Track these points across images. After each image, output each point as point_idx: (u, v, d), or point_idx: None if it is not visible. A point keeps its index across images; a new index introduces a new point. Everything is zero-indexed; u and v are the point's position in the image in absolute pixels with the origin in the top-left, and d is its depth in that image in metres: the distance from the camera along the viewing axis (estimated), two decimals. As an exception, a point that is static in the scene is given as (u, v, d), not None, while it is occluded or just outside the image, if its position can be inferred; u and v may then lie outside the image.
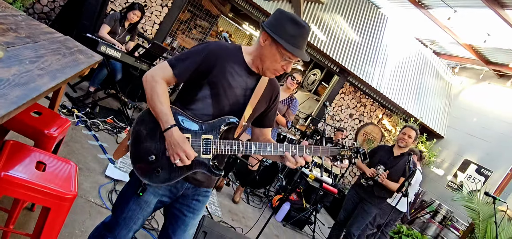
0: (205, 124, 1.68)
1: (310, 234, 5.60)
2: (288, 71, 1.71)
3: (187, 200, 1.83)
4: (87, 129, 4.41)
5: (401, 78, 8.54)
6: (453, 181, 7.83)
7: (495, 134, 7.54)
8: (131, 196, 1.75)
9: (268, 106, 1.87)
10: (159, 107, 1.60)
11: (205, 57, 1.65)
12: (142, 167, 1.67)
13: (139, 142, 1.67)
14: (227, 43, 1.75)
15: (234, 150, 1.68)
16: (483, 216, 5.88)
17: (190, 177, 1.74)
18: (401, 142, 4.39)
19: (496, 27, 6.33)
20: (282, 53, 1.62)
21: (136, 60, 4.78)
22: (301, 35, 1.62)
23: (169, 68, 1.66)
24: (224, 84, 1.66)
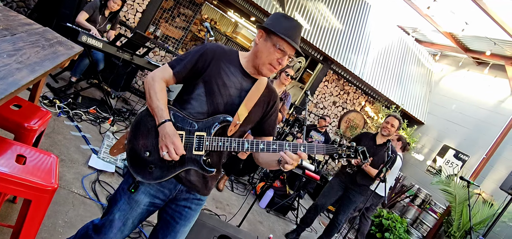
0: (199, 122, 1.70)
1: (293, 219, 5.73)
2: (283, 65, 1.72)
3: (179, 206, 1.82)
4: (69, 120, 4.39)
5: (383, 66, 8.69)
6: (432, 165, 8.07)
7: (472, 120, 7.78)
8: (123, 195, 1.76)
9: (266, 112, 1.88)
10: (156, 103, 1.66)
11: (201, 55, 1.71)
12: (137, 163, 1.70)
13: (136, 139, 1.72)
14: (224, 46, 1.80)
15: (226, 146, 1.68)
16: (459, 199, 6.12)
17: (183, 178, 1.75)
18: (384, 131, 4.50)
19: (474, 16, 6.49)
20: (277, 43, 1.66)
21: (118, 50, 4.75)
22: (294, 27, 1.68)
23: (168, 68, 1.73)
24: (218, 82, 1.70)
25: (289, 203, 5.74)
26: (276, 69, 1.73)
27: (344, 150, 1.66)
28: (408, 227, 6.81)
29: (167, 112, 1.66)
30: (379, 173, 4.24)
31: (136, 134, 1.73)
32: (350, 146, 1.67)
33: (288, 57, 1.71)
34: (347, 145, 1.68)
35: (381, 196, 5.46)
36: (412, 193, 7.36)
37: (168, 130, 1.62)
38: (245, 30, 14.56)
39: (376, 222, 6.39)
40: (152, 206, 1.79)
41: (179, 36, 7.62)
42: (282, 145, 1.65)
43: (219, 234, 3.08)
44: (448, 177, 6.98)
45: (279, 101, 4.61)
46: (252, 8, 7.38)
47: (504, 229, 5.98)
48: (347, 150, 1.66)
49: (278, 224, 5.35)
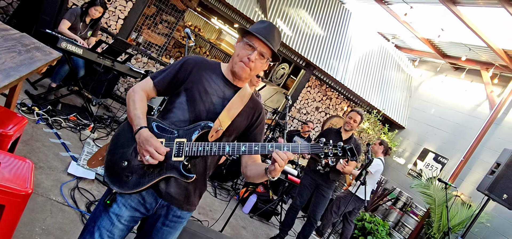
0: (180, 129, 1.67)
1: (277, 224, 5.75)
2: (252, 60, 1.66)
3: (157, 221, 1.75)
4: (48, 127, 4.33)
5: (365, 71, 8.85)
6: (413, 169, 8.24)
7: (451, 124, 7.99)
8: (101, 210, 1.68)
9: (251, 124, 1.84)
10: (133, 112, 1.66)
11: (182, 65, 1.73)
12: (113, 173, 1.65)
13: (116, 150, 1.69)
14: (207, 59, 1.81)
15: (206, 150, 1.62)
16: (439, 201, 6.26)
17: (163, 191, 1.68)
18: (347, 126, 4.62)
19: (450, 22, 6.69)
20: (247, 39, 1.68)
21: (99, 56, 4.72)
22: (266, 27, 1.70)
23: (150, 80, 1.76)
24: (199, 89, 1.70)
25: (272, 208, 5.77)
26: (247, 66, 1.68)
27: (330, 148, 1.58)
28: (390, 230, 6.91)
29: (145, 120, 1.66)
30: (360, 176, 4.32)
31: (116, 145, 1.70)
32: (337, 144, 1.59)
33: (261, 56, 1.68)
34: (333, 144, 1.59)
35: (363, 200, 5.55)
36: (393, 196, 7.49)
37: (144, 135, 1.59)
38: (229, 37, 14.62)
39: (359, 225, 6.47)
40: (133, 221, 1.72)
41: (161, 43, 7.61)
42: (265, 147, 1.60)
43: (200, 239, 3.08)
44: (427, 180, 7.14)
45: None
46: (235, 15, 7.44)
47: (482, 229, 6.13)
48: (334, 149, 1.58)
49: (262, 229, 5.37)
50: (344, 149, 1.58)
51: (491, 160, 6.06)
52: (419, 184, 6.83)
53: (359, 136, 8.95)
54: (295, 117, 8.88)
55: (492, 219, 6.04)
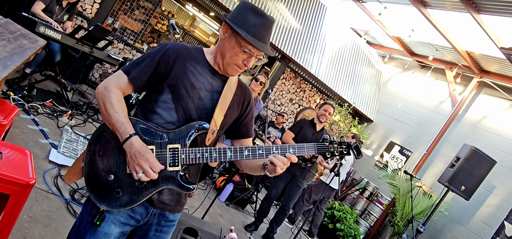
0: (170, 133, 1.50)
1: (252, 212, 5.94)
2: (249, 66, 1.55)
3: (149, 230, 1.62)
4: (25, 113, 4.25)
5: (337, 65, 9.14)
6: (380, 160, 8.67)
7: (416, 119, 8.46)
8: (87, 229, 1.50)
9: (242, 113, 1.72)
10: (115, 117, 1.42)
11: (162, 57, 1.50)
12: (99, 189, 1.46)
13: (95, 160, 1.47)
14: (186, 44, 1.59)
15: (206, 157, 1.49)
16: (403, 191, 6.67)
17: (155, 199, 1.53)
18: (322, 118, 4.85)
19: (420, 23, 7.06)
20: (242, 44, 1.48)
21: (77, 42, 4.65)
22: (263, 25, 1.49)
23: (123, 75, 1.49)
24: (186, 85, 1.50)
25: (247, 197, 5.94)
26: (241, 69, 1.56)
27: (335, 147, 1.55)
28: (357, 218, 7.29)
29: (130, 125, 1.43)
30: (334, 167, 4.57)
31: (95, 155, 1.48)
32: (342, 142, 1.56)
33: (256, 57, 1.54)
34: (338, 142, 1.56)
35: (334, 189, 5.83)
36: (361, 186, 7.88)
37: (137, 147, 1.40)
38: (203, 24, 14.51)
39: (329, 213, 6.79)
40: (122, 236, 1.57)
41: (138, 29, 7.51)
42: (269, 149, 1.50)
43: (185, 227, 3.19)
44: (393, 171, 7.57)
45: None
46: (212, 3, 7.45)
47: (441, 218, 6.62)
48: (339, 147, 1.55)
49: (238, 216, 5.54)
50: (349, 146, 1.55)
51: (451, 154, 6.52)
52: (386, 175, 7.24)
53: (330, 128, 9.28)
54: (270, 108, 9.07)
55: (450, 208, 6.53)
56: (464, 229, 6.31)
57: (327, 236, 6.68)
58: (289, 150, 1.51)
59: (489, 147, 6.34)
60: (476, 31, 6.11)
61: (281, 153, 1.50)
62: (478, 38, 6.35)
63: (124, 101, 1.48)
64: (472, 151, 5.27)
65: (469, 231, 6.22)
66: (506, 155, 6.28)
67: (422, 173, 7.48)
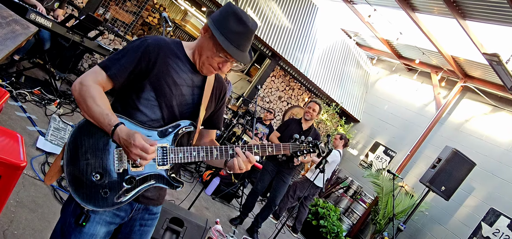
0: (157, 130, 1.49)
1: (237, 206, 6.01)
2: (224, 72, 1.57)
3: (135, 226, 1.63)
4: (13, 100, 4.23)
5: (326, 65, 9.26)
6: (365, 160, 8.84)
7: (401, 120, 8.64)
8: (71, 231, 1.45)
9: (217, 105, 1.75)
10: (98, 110, 1.36)
11: (143, 53, 1.46)
12: (83, 189, 1.39)
13: (77, 159, 1.39)
14: (166, 38, 1.57)
15: (194, 156, 1.50)
16: (386, 190, 6.83)
17: (139, 195, 1.50)
18: (307, 115, 4.93)
19: (408, 27, 7.21)
20: (218, 49, 1.47)
21: (68, 31, 4.64)
22: (243, 34, 1.47)
23: (101, 71, 1.43)
24: (168, 82, 1.49)
25: (233, 191, 6.01)
26: (216, 72, 1.58)
27: (305, 146, 1.66)
28: (341, 215, 7.43)
29: (115, 115, 1.38)
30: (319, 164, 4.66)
31: (77, 153, 1.40)
32: (310, 141, 1.68)
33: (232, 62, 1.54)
34: (307, 141, 1.68)
35: (319, 187, 5.94)
36: (345, 185, 8.02)
37: (123, 135, 1.34)
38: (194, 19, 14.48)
39: (313, 210, 6.90)
40: (108, 235, 1.55)
41: (129, 21, 7.49)
42: (251, 148, 1.56)
43: (171, 217, 3.25)
44: (377, 171, 7.74)
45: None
46: (205, -2, 7.49)
47: (421, 217, 6.80)
48: (307, 146, 1.67)
49: (223, 210, 5.60)
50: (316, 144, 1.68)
51: (433, 155, 6.70)
52: (370, 174, 7.40)
53: (317, 127, 9.40)
54: (259, 105, 9.14)
55: (430, 208, 6.72)
56: (443, 228, 6.50)
57: (310, 232, 6.80)
58: (268, 149, 1.58)
59: (470, 149, 6.54)
60: (462, 37, 6.29)
61: (261, 152, 1.56)
62: (463, 43, 6.53)
63: (105, 96, 1.42)
64: (453, 152, 5.43)
65: (448, 230, 6.41)
66: (485, 158, 6.48)
67: (405, 173, 7.66)
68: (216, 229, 4.32)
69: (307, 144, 1.67)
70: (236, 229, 5.10)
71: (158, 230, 3.13)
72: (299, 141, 1.67)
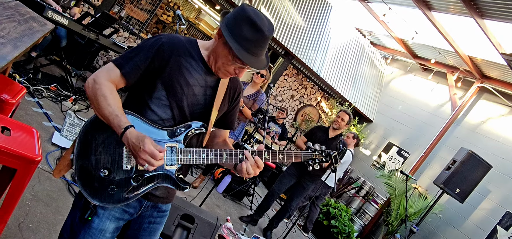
0: (167, 130, 1.49)
1: (248, 205, 6.03)
2: (240, 76, 1.57)
3: (144, 223, 1.64)
4: (30, 96, 4.33)
5: (340, 64, 9.19)
6: (377, 160, 8.74)
7: (415, 121, 8.52)
8: (81, 227, 1.48)
9: (231, 105, 1.73)
10: (108, 110, 1.36)
11: (157, 52, 1.45)
12: (91, 184, 1.41)
13: (87, 154, 1.41)
14: (180, 36, 1.56)
15: (202, 158, 1.49)
16: (399, 191, 6.75)
17: (148, 192, 1.52)
18: (335, 124, 4.90)
19: (423, 26, 7.10)
20: (233, 57, 1.46)
21: (84, 29, 4.72)
22: (258, 41, 1.44)
23: (115, 69, 1.43)
24: (180, 81, 1.48)
25: (245, 189, 6.02)
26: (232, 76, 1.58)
27: (317, 155, 1.64)
28: (352, 216, 7.38)
29: (125, 117, 1.38)
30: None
31: (86, 148, 1.42)
32: (323, 150, 1.65)
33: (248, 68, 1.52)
34: (320, 150, 1.65)
35: (330, 186, 5.91)
36: (358, 185, 7.95)
37: (133, 139, 1.33)
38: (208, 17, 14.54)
39: (324, 210, 6.87)
40: (117, 231, 1.57)
41: (144, 19, 7.57)
42: (261, 153, 1.54)
43: (183, 213, 3.28)
44: (390, 171, 7.65)
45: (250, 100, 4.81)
46: (219, -3, 7.50)
47: (435, 219, 6.70)
48: (320, 155, 1.64)
49: (234, 208, 5.62)
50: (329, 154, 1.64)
51: (448, 157, 6.59)
52: (383, 175, 7.32)
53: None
54: (271, 103, 9.13)
55: (444, 210, 6.61)
56: (457, 231, 6.39)
57: (321, 232, 6.77)
58: (279, 156, 1.57)
59: (486, 151, 6.40)
60: (479, 36, 6.16)
61: (272, 159, 1.54)
62: (481, 43, 6.40)
63: (117, 94, 1.42)
64: (469, 154, 5.33)
65: (462, 233, 6.30)
66: (502, 160, 6.34)
67: (419, 174, 7.55)
68: (227, 227, 4.34)
69: (320, 153, 1.65)
70: (247, 227, 5.12)
71: (169, 227, 3.17)
72: (312, 149, 1.65)
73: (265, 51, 1.52)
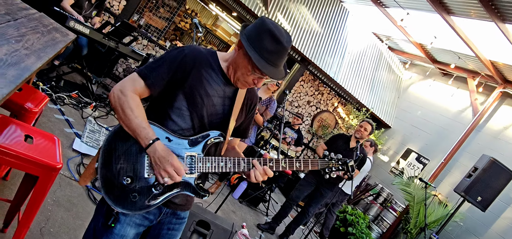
0: (187, 139, 1.54)
1: (264, 211, 6.03)
2: (258, 86, 1.60)
3: (162, 229, 1.69)
4: (52, 103, 4.47)
5: (357, 70, 9.11)
6: (396, 167, 8.60)
7: (434, 127, 8.35)
8: (103, 232, 1.54)
9: (247, 115, 1.78)
10: (135, 122, 1.42)
11: (180, 63, 1.51)
12: (115, 192, 1.47)
13: (111, 162, 1.47)
14: (202, 48, 1.61)
15: (221, 167, 1.55)
16: (417, 199, 6.62)
17: (168, 200, 1.56)
18: (357, 133, 4.88)
19: (442, 30, 6.98)
20: (253, 68, 1.50)
21: (104, 37, 4.85)
22: (278, 52, 1.49)
23: (139, 79, 1.49)
24: (201, 92, 1.53)
25: (261, 195, 6.03)
26: (251, 86, 1.62)
27: (334, 163, 1.68)
28: (370, 223, 7.27)
29: (152, 130, 1.45)
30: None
31: (110, 157, 1.47)
32: (340, 159, 1.69)
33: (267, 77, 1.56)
34: (336, 159, 1.69)
35: (347, 193, 5.85)
36: (375, 192, 7.84)
37: (161, 152, 1.42)
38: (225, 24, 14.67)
39: (341, 217, 6.80)
40: (137, 237, 1.64)
41: (162, 27, 7.71)
42: (279, 163, 1.59)
43: (198, 220, 3.31)
44: (409, 178, 7.51)
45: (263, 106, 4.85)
46: (235, 3, 7.56)
47: (455, 228, 6.53)
48: (337, 163, 1.68)
49: (250, 214, 5.63)
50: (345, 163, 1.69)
51: (469, 164, 6.42)
52: (400, 182, 7.19)
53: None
54: (287, 109, 9.12)
55: (465, 219, 6.44)
56: (479, 241, 6.22)
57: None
58: (296, 164, 1.62)
59: (509, 158, 6.20)
60: (501, 41, 6.01)
61: (289, 167, 1.61)
62: (503, 47, 6.24)
63: (142, 107, 1.49)
64: (491, 161, 5.20)
65: (484, 243, 6.13)
66: (526, 168, 6.14)
67: (439, 181, 7.38)
68: (242, 233, 4.35)
69: (336, 161, 1.69)
70: (263, 234, 5.12)
71: (185, 232, 3.20)
72: (329, 158, 1.69)
73: (283, 62, 1.57)
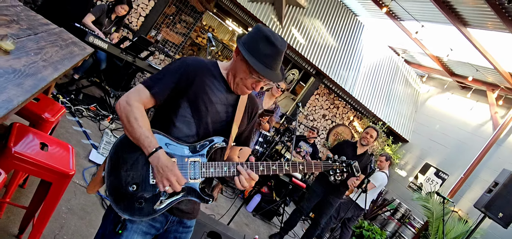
0: (190, 145, 1.59)
1: (278, 224, 5.98)
2: (257, 91, 1.65)
3: (169, 237, 1.73)
4: (71, 115, 4.62)
5: (373, 83, 9.05)
6: (414, 182, 8.42)
7: (453, 141, 8.16)
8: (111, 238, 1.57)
9: (248, 123, 1.82)
10: (139, 131, 1.47)
11: (183, 73, 1.57)
12: (121, 199, 1.51)
13: (117, 170, 1.52)
14: (204, 59, 1.68)
15: (224, 172, 1.58)
16: (437, 215, 6.45)
17: (174, 208, 1.61)
18: (363, 140, 4.83)
19: (459, 42, 6.88)
20: (251, 71, 1.55)
21: (122, 52, 5.00)
22: (274, 56, 1.54)
23: (145, 90, 1.54)
24: (204, 100, 1.58)
25: (275, 209, 6.00)
26: (250, 91, 1.66)
27: (337, 165, 1.70)
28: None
29: (155, 139, 1.50)
30: (361, 184, 4.54)
31: (117, 165, 1.52)
32: (344, 160, 1.71)
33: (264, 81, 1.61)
34: (340, 160, 1.71)
35: (362, 208, 5.75)
36: (393, 207, 7.68)
37: (163, 160, 1.46)
38: (241, 39, 14.83)
39: (357, 232, 6.67)
40: None
41: (179, 42, 7.89)
42: (282, 166, 1.62)
43: (210, 231, 3.32)
44: (428, 193, 7.33)
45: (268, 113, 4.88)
46: (250, 19, 7.69)
47: (477, 245, 6.31)
48: (340, 165, 1.70)
49: (263, 227, 5.60)
50: (349, 164, 1.70)
51: (490, 179, 6.23)
52: (419, 197, 7.03)
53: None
54: (302, 123, 9.11)
55: (486, 236, 6.22)
56: (502, 259, 5.98)
57: (354, 255, 6.57)
58: (299, 166, 1.64)
59: (532, 174, 5.99)
60: (520, 53, 5.89)
61: (292, 169, 1.62)
62: (522, 59, 6.11)
63: (147, 117, 1.54)
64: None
65: (507, 261, 5.89)
66: (550, 184, 5.90)
67: (458, 197, 7.18)
68: (255, 246, 4.33)
69: (340, 163, 1.71)
70: (275, 246, 5.08)
71: (196, 243, 3.21)
72: (332, 160, 1.70)
73: (279, 65, 1.61)
